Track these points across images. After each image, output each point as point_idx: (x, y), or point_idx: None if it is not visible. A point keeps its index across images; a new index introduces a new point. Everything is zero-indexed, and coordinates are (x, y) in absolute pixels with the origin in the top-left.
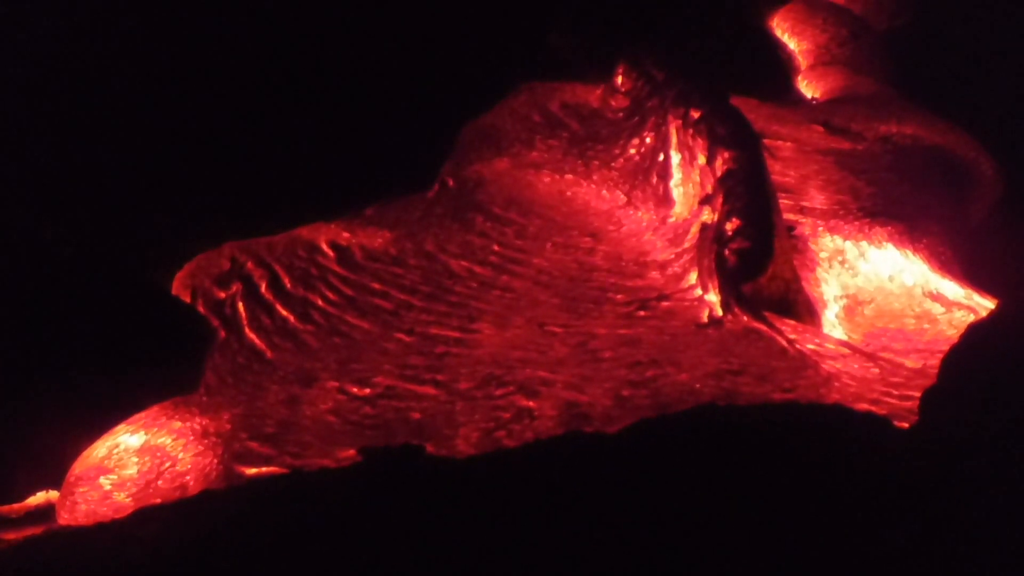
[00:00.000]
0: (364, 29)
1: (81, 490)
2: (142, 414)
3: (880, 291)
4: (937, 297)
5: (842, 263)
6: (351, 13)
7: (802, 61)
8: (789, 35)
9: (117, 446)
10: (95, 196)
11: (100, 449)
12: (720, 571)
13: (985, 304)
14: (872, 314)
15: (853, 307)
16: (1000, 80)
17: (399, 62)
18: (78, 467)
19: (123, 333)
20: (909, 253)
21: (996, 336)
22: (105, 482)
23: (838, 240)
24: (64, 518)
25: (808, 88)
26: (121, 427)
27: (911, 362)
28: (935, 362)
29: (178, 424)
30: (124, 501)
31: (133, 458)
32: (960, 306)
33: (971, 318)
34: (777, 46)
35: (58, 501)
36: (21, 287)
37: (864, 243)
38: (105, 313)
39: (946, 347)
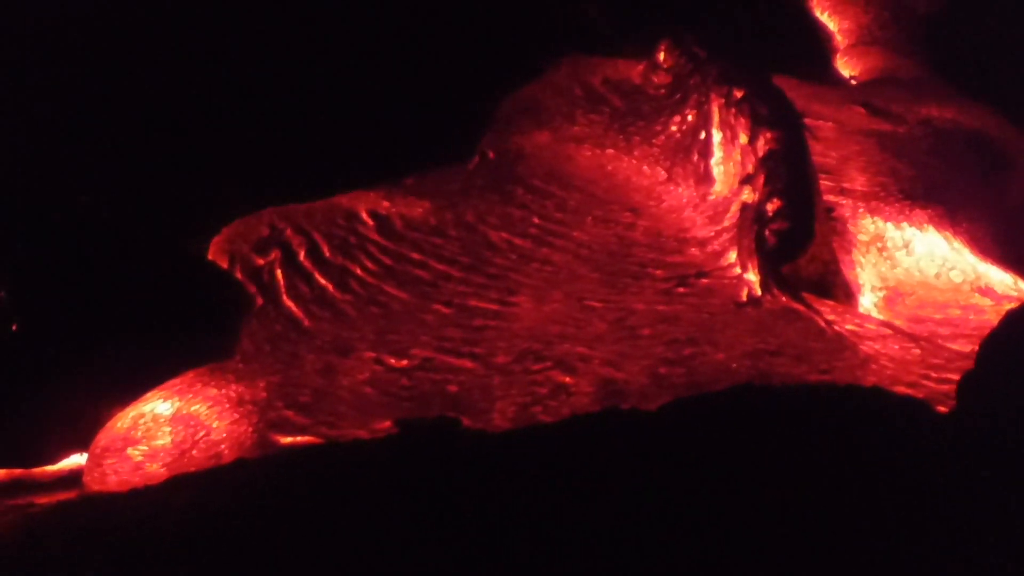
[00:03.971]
0: (410, 5)
1: (109, 461)
2: (176, 380)
3: (923, 285)
4: (986, 291)
5: (881, 249)
6: None
7: (842, 41)
8: (830, 15)
9: (143, 416)
10: (133, 160)
11: (125, 420)
12: (751, 549)
13: None
14: (915, 304)
15: (894, 297)
16: None
17: (443, 34)
18: (103, 438)
19: (159, 298)
20: (950, 236)
21: None
22: (134, 453)
23: (879, 222)
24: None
25: (848, 69)
26: (152, 394)
27: (957, 345)
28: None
29: (213, 391)
30: (157, 471)
31: (166, 427)
32: (1009, 299)
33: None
34: (818, 26)
35: (85, 473)
36: (59, 252)
37: (905, 225)
38: (141, 278)
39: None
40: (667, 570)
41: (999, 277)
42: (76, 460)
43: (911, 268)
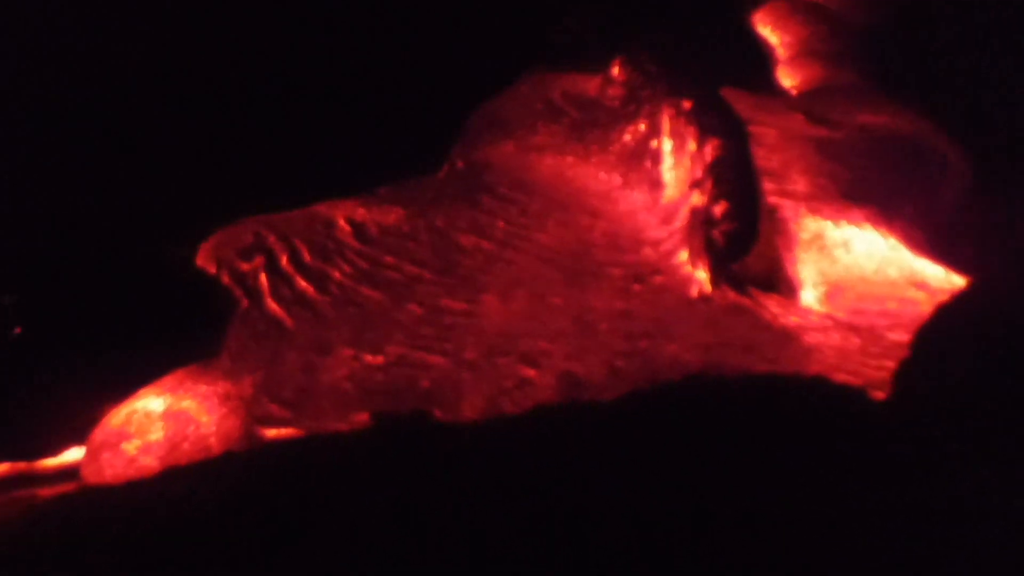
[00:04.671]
0: (384, 25)
1: (105, 456)
2: (167, 378)
3: (862, 280)
4: (921, 285)
5: (822, 247)
6: (374, 10)
7: (783, 54)
8: (772, 30)
9: (135, 412)
10: (129, 174)
11: (119, 416)
12: (703, 528)
13: (958, 282)
14: (854, 298)
15: (835, 292)
16: (965, 74)
17: (413, 54)
18: (99, 434)
19: (151, 301)
20: (886, 234)
21: (964, 312)
22: (129, 447)
23: (819, 221)
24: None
25: (789, 79)
26: (145, 391)
27: (894, 335)
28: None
29: (203, 388)
30: (150, 464)
31: (158, 423)
32: (943, 291)
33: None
34: (760, 41)
35: (83, 466)
36: (59, 260)
37: (844, 224)
38: (135, 283)
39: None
40: (623, 541)
41: (933, 271)
42: (75, 454)
43: (850, 265)
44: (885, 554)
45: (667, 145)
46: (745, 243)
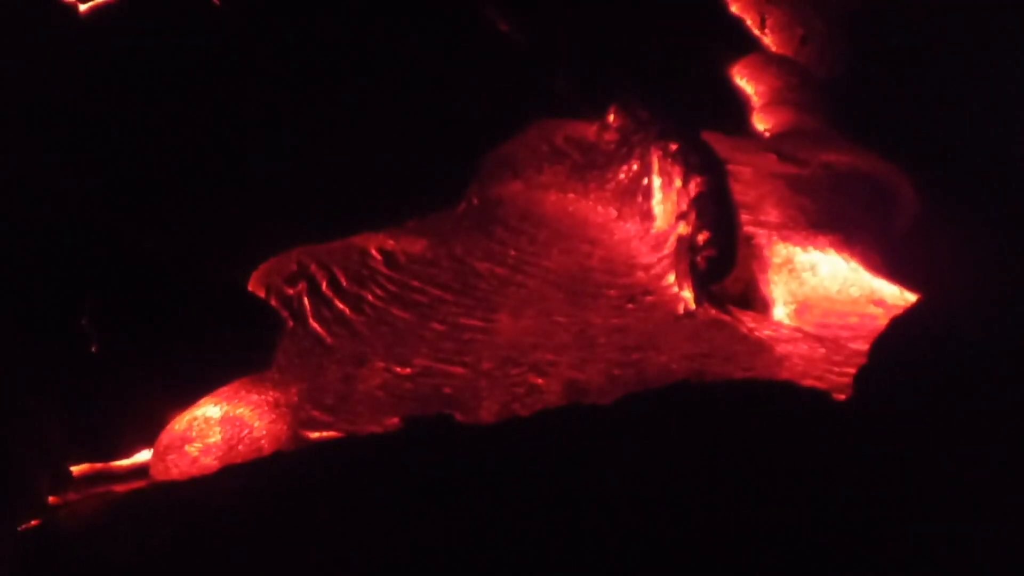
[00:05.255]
0: (412, 84)
1: (171, 457)
2: (224, 388)
3: (827, 299)
4: (879, 303)
5: (791, 270)
6: (404, 76)
7: (757, 102)
8: (747, 80)
9: (196, 419)
10: (194, 213)
11: (182, 422)
12: (690, 522)
13: (911, 298)
14: (820, 314)
15: (803, 309)
16: (915, 118)
17: (436, 104)
18: (165, 438)
19: (210, 321)
20: (847, 258)
21: (916, 324)
22: (191, 449)
23: (789, 247)
24: (160, 479)
25: (762, 124)
26: (205, 400)
27: (855, 345)
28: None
29: (255, 396)
30: (211, 463)
31: (216, 427)
32: (898, 307)
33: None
34: (737, 90)
35: (152, 466)
36: (133, 286)
37: (811, 249)
38: (197, 305)
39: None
40: (618, 528)
41: (889, 290)
42: (144, 455)
43: (816, 286)
44: (853, 542)
45: (656, 182)
46: (725, 267)
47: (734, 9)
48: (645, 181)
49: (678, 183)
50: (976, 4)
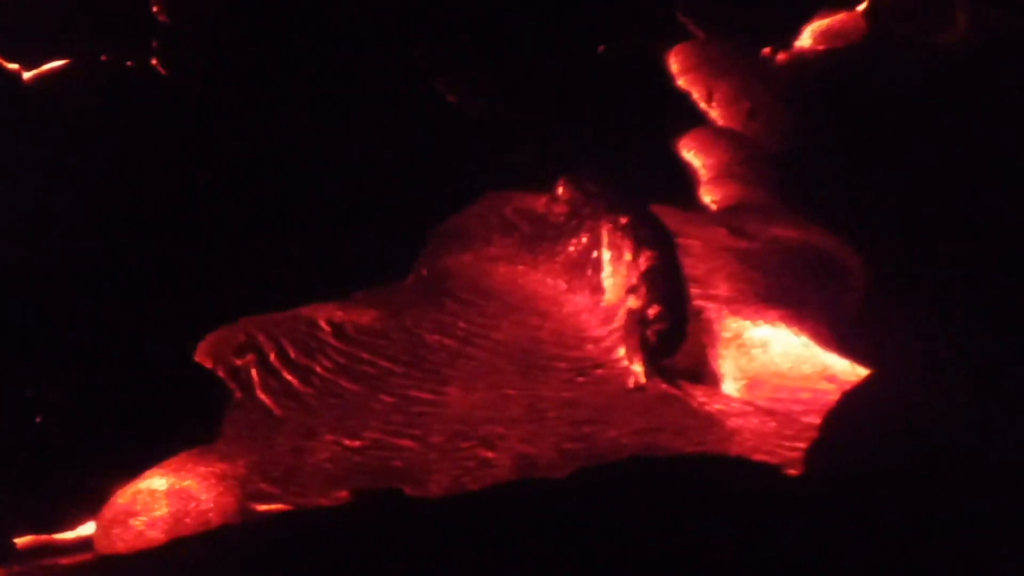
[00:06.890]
0: (362, 153)
1: (115, 531)
2: (172, 460)
3: (778, 375)
4: (831, 378)
5: (741, 345)
6: (352, 143)
7: (705, 175)
8: (695, 154)
9: (141, 491)
10: (141, 284)
11: (126, 496)
12: None
13: (862, 372)
14: (771, 390)
15: (753, 385)
16: (863, 192)
17: (386, 178)
18: (108, 511)
19: (156, 393)
20: (797, 332)
21: (867, 399)
22: (136, 523)
23: (739, 322)
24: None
25: (710, 197)
26: (151, 471)
27: (807, 419)
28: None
29: (202, 469)
30: (157, 536)
31: (163, 500)
32: (849, 382)
33: None
34: (685, 164)
35: (96, 541)
36: (75, 357)
37: (761, 323)
38: (143, 376)
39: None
40: None
41: (841, 365)
42: (89, 528)
43: (767, 362)
44: None
45: (606, 255)
46: (675, 341)
47: (681, 83)
48: (595, 254)
49: (628, 256)
50: (924, 76)
